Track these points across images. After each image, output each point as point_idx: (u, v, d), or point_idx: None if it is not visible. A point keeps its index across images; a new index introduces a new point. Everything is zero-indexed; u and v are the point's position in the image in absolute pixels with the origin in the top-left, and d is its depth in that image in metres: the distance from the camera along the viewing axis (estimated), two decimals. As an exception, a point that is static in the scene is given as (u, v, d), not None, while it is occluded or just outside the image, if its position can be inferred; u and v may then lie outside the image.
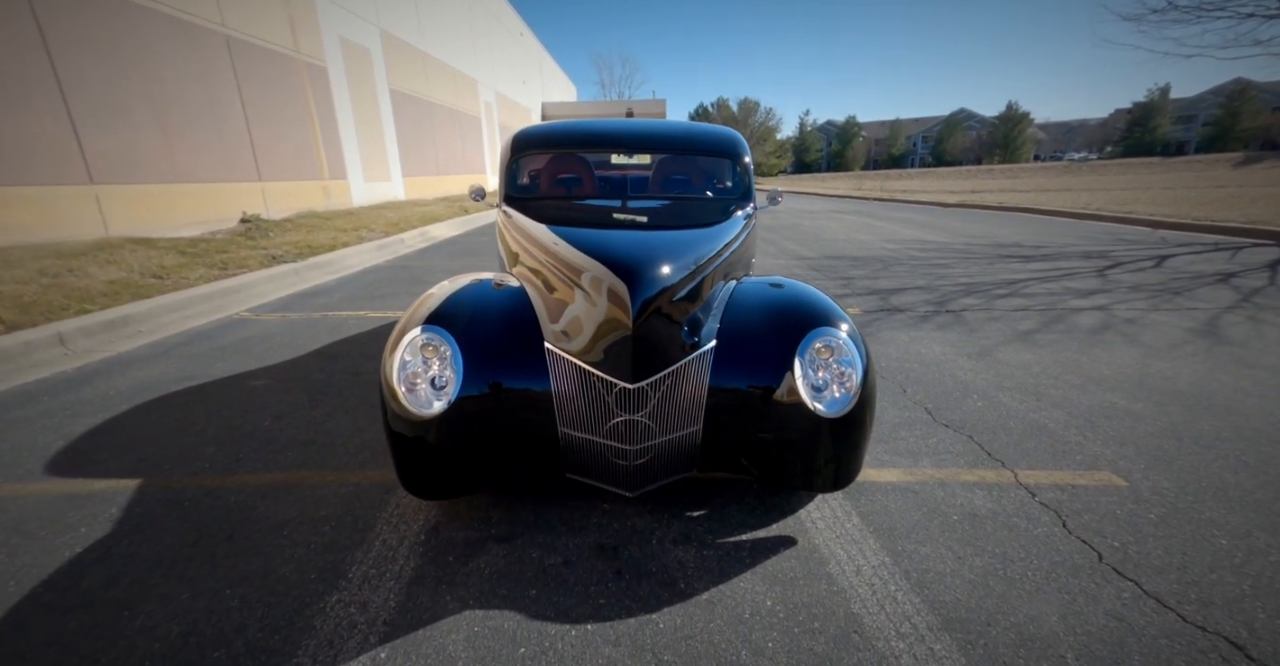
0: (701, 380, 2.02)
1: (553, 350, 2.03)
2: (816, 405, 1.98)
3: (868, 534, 2.08)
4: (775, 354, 2.05)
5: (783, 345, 2.06)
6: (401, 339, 2.02)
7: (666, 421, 2.01)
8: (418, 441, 1.98)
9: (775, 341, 2.07)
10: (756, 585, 1.84)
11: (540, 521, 2.18)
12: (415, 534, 2.11)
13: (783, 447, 2.04)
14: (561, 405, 2.01)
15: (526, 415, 2.04)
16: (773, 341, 2.08)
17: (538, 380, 2.03)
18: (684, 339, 2.01)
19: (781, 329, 2.11)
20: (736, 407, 2.04)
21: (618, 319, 1.90)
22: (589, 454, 2.08)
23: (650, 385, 1.95)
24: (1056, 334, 4.43)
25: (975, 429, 2.88)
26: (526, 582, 1.86)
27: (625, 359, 1.91)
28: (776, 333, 2.10)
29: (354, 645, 1.60)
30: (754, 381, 2.04)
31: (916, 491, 2.35)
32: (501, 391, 2.01)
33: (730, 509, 2.25)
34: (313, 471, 2.52)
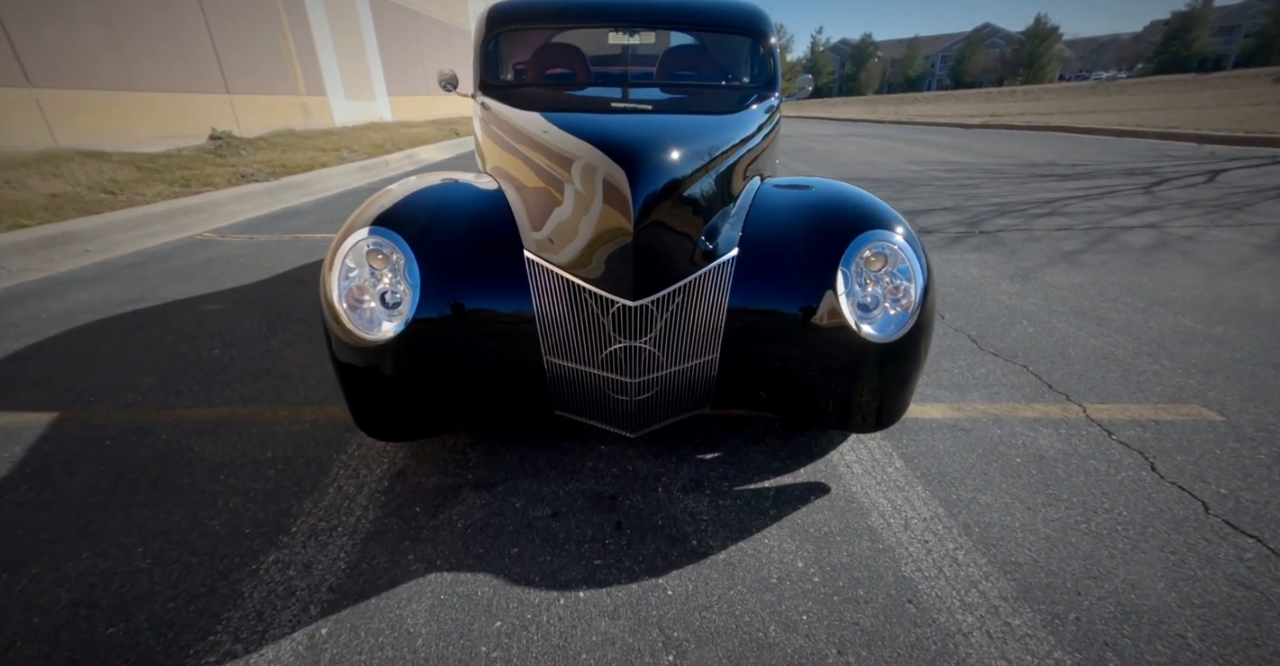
0: (719, 298, 1.62)
1: (535, 260, 1.61)
2: (864, 328, 1.58)
3: (914, 480, 1.74)
4: (812, 265, 1.63)
5: (822, 254, 1.64)
6: (343, 245, 1.60)
7: (675, 349, 1.63)
8: (369, 373, 1.60)
9: (812, 250, 1.65)
10: (784, 542, 1.51)
11: (526, 465, 1.85)
12: (377, 479, 1.78)
13: (817, 380, 1.67)
14: (546, 328, 1.62)
15: (502, 341, 1.65)
16: (809, 250, 1.65)
17: (516, 297, 1.62)
18: (697, 247, 1.59)
19: (820, 234, 1.67)
20: (762, 332, 1.65)
21: (615, 219, 1.47)
22: (582, 388, 1.70)
23: (655, 304, 1.54)
24: (1106, 254, 3.97)
25: (1029, 357, 2.50)
26: (507, 538, 1.53)
27: (625, 270, 1.49)
28: (814, 239, 1.67)
29: (288, 617, 1.28)
30: (784, 299, 1.63)
31: (967, 429, 1.99)
32: (470, 311, 1.60)
33: (749, 450, 1.91)
34: (263, 406, 2.17)
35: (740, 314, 1.64)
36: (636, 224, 1.45)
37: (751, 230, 1.72)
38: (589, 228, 1.53)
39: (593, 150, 1.59)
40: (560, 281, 1.59)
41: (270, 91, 10.68)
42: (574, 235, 1.57)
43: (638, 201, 1.46)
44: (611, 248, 1.49)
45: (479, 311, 1.61)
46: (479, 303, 1.62)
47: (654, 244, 1.50)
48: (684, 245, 1.57)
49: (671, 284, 1.55)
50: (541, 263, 1.60)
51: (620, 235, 1.47)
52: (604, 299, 1.54)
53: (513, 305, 1.63)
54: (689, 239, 1.58)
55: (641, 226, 1.46)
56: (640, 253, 1.48)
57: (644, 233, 1.47)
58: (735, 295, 1.64)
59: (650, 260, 1.50)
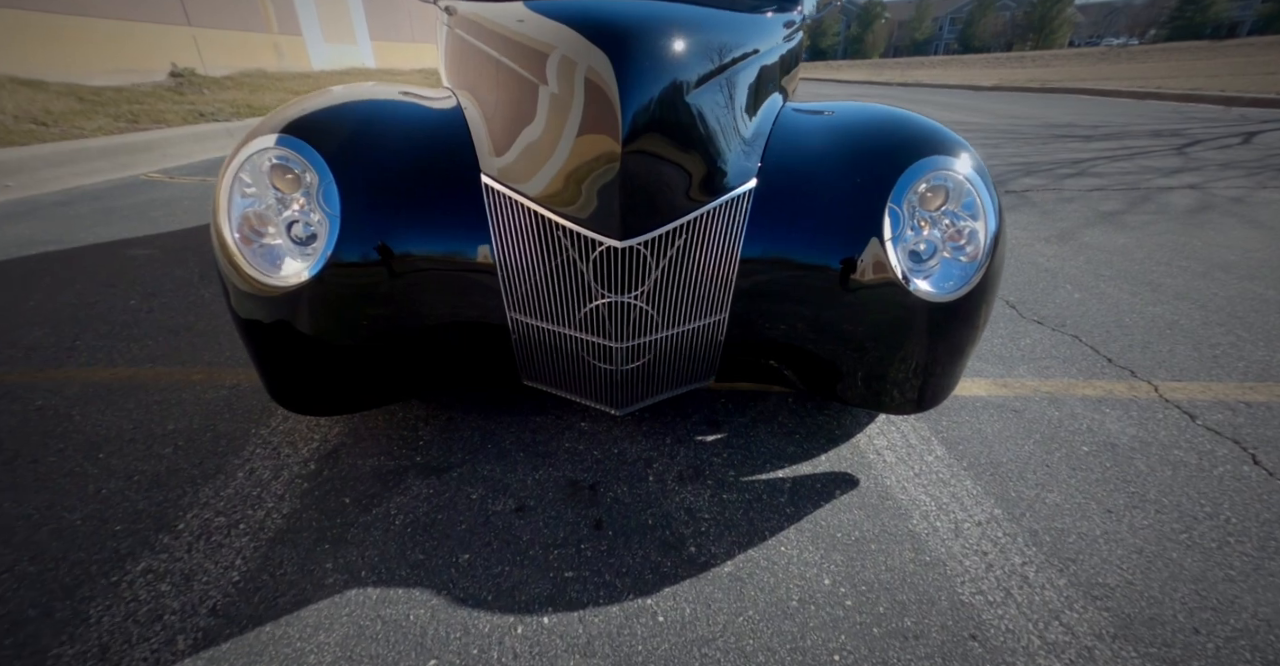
0: (730, 243, 1.26)
1: (496, 188, 1.23)
2: (916, 283, 1.23)
3: (960, 471, 1.42)
4: (851, 202, 1.27)
5: (864, 188, 1.27)
6: (238, 156, 1.21)
7: (674, 307, 1.27)
8: (278, 330, 1.24)
9: (851, 183, 1.28)
10: (806, 550, 1.19)
11: (489, 444, 1.51)
12: (302, 461, 1.43)
13: (851, 350, 1.32)
14: (510, 277, 1.26)
15: (453, 292, 1.28)
16: (847, 183, 1.28)
17: (470, 236, 1.25)
18: (705, 175, 1.22)
19: (863, 164, 1.30)
20: (784, 288, 1.29)
21: (598, 132, 1.10)
22: (556, 354, 1.35)
23: (649, 247, 1.18)
24: (1147, 215, 3.61)
25: (1080, 326, 2.16)
26: (456, 541, 1.20)
27: (610, 202, 1.12)
28: (854, 169, 1.29)
29: (144, 654, 0.95)
30: (814, 246, 1.27)
31: (1018, 410, 1.67)
32: (408, 252, 1.23)
33: (758, 431, 1.58)
34: (175, 368, 1.81)
35: (757, 264, 1.28)
36: (627, 140, 1.08)
37: (774, 158, 1.35)
38: (565, 145, 1.15)
39: (573, 36, 1.19)
40: (528, 216, 1.21)
41: (238, 27, 9.89)
42: (546, 155, 1.19)
43: (628, 107, 1.08)
44: (594, 172, 1.12)
45: (420, 252, 1.24)
46: (420, 241, 1.24)
47: (648, 168, 1.13)
48: (687, 172, 1.20)
49: (670, 221, 1.18)
50: (504, 191, 1.23)
51: (605, 155, 1.10)
52: (584, 239, 1.18)
53: (466, 246, 1.26)
54: (694, 164, 1.20)
55: (632, 143, 1.09)
56: (630, 178, 1.11)
57: (636, 152, 1.10)
58: (751, 240, 1.27)
59: (643, 189, 1.14)
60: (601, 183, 1.13)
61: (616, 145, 1.09)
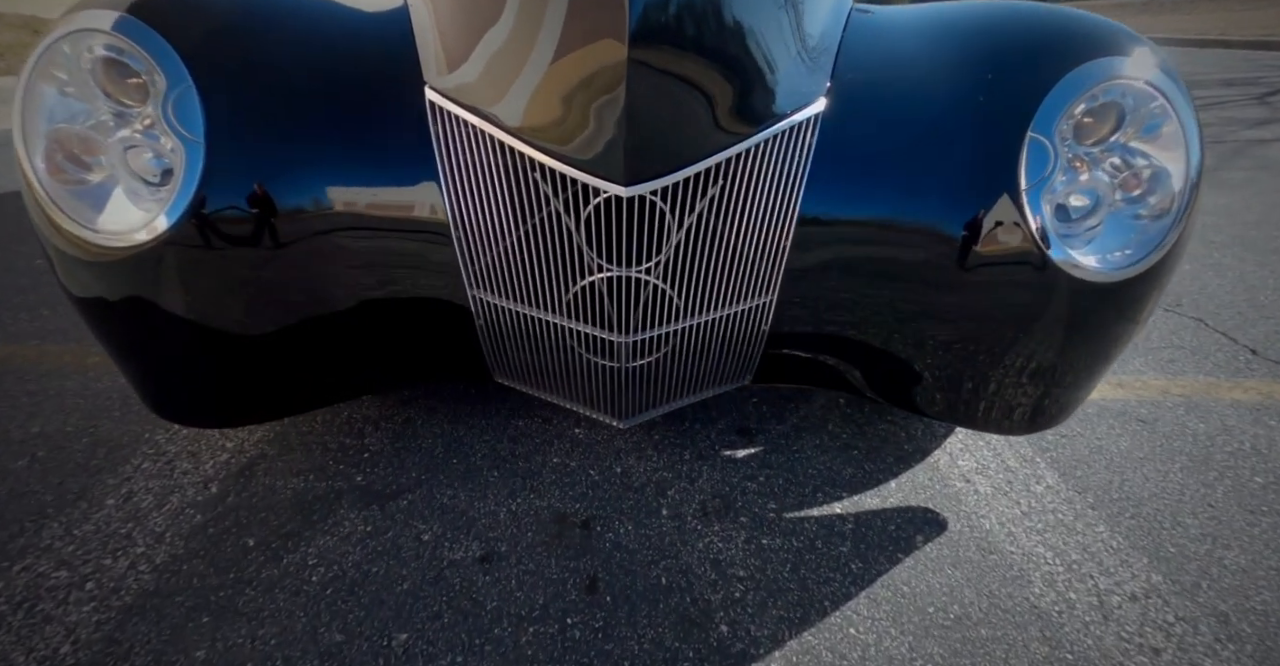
0: (785, 193, 0.86)
1: (448, 109, 0.83)
2: (1069, 254, 0.82)
3: (1087, 512, 1.04)
4: (968, 134, 0.85)
5: (989, 113, 0.86)
6: (47, 42, 0.79)
7: (703, 284, 0.89)
8: (130, 311, 0.86)
9: (969, 105, 0.85)
10: (887, 637, 0.83)
11: (454, 457, 1.15)
12: (202, 481, 1.08)
13: (946, 347, 0.92)
14: (469, 238, 0.87)
15: (387, 258, 0.89)
16: (962, 106, 0.86)
17: (408, 176, 0.86)
18: (747, 96, 0.79)
19: (987, 77, 0.88)
20: (858, 258, 0.90)
21: (595, 30, 0.70)
22: (535, 346, 0.96)
23: (668, 196, 0.79)
24: (1246, 170, 3.10)
25: (1202, 306, 1.74)
26: (393, 612, 0.85)
27: (611, 130, 0.73)
28: (973, 85, 0.87)
29: None
30: (908, 198, 0.86)
31: (1147, 420, 1.27)
32: (318, 198, 0.84)
33: (803, 444, 1.20)
34: (68, 345, 1.44)
35: (821, 224, 0.88)
36: (636, 39, 0.66)
37: (850, 71, 0.92)
38: (547, 46, 0.74)
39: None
40: (492, 150, 0.82)
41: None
42: (520, 62, 0.78)
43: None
44: (588, 86, 0.73)
45: (335, 199, 0.84)
46: (333, 181, 0.84)
47: (667, 82, 0.72)
48: (723, 89, 0.78)
49: (698, 161, 0.78)
50: (458, 113, 0.82)
51: (605, 63, 0.71)
52: (573, 184, 0.78)
53: (403, 193, 0.86)
54: (732, 77, 0.79)
55: (645, 45, 0.68)
56: (641, 96, 0.71)
57: (649, 58, 0.69)
58: (815, 189, 0.87)
59: (659, 113, 0.74)
60: (599, 102, 0.72)
61: (622, 48, 0.67)
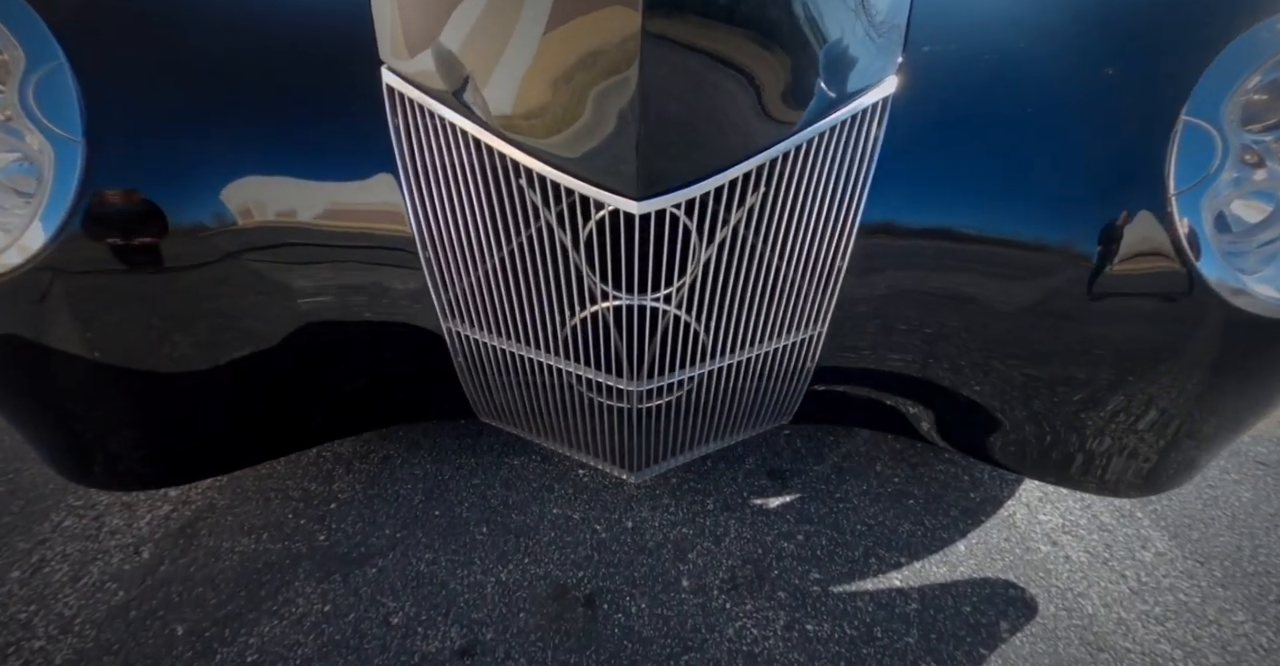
0: (842, 198, 0.67)
1: (409, 95, 0.63)
2: (1242, 281, 0.62)
3: (1218, 592, 0.87)
4: (1098, 120, 0.64)
5: (1127, 92, 0.65)
6: None
7: (735, 315, 0.68)
8: (6, 350, 0.67)
9: (1091, 78, 0.65)
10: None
11: (436, 507, 0.99)
12: (132, 544, 0.91)
13: (1045, 391, 0.72)
14: (440, 258, 0.68)
15: (334, 279, 0.70)
16: (1089, 84, 0.64)
17: (359, 175, 0.66)
18: (795, 77, 0.59)
19: (1118, 38, 0.67)
20: (936, 283, 0.69)
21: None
22: (528, 386, 0.77)
23: (692, 210, 0.58)
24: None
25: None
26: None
27: (619, 126, 0.55)
28: (1096, 52, 0.67)
29: None
30: (1008, 205, 0.65)
31: (1271, 464, 1.09)
32: (244, 205, 0.64)
33: (847, 490, 1.03)
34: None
35: (891, 236, 0.68)
36: (652, 3, 0.44)
37: (927, 40, 0.71)
38: (535, 16, 0.53)
39: None
40: (466, 148, 0.64)
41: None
42: (501, 40, 0.58)
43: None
44: (589, 66, 0.54)
45: (260, 210, 0.65)
46: (259, 187, 0.65)
47: (690, 63, 0.54)
48: (765, 70, 0.58)
49: (732, 165, 0.57)
50: (423, 101, 0.63)
51: (612, 35, 0.52)
52: (570, 195, 0.58)
53: (353, 199, 0.67)
54: (776, 53, 0.58)
55: (664, 12, 0.48)
56: (658, 82, 0.51)
57: (667, 33, 0.49)
58: (882, 193, 0.67)
59: (682, 101, 0.55)
60: (603, 87, 0.54)
61: (634, 15, 0.48)
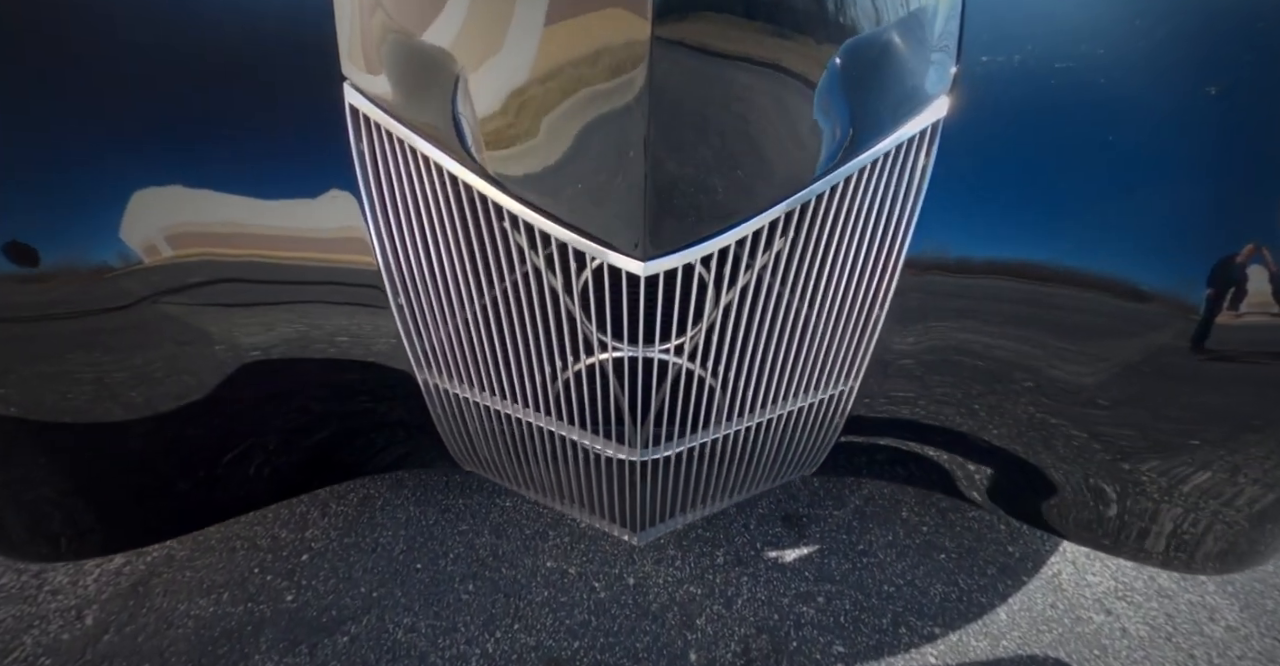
0: (880, 240, 0.56)
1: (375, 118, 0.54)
2: None
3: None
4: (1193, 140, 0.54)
5: (1239, 104, 0.54)
6: None
7: (755, 370, 0.58)
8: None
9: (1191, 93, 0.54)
10: None
11: (418, 560, 0.94)
12: (80, 602, 0.84)
13: (1128, 462, 0.62)
14: (412, 303, 0.60)
15: (288, 324, 0.61)
16: (1179, 95, 0.55)
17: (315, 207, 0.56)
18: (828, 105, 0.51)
19: (1229, 45, 0.56)
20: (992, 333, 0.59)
21: None
22: (515, 442, 0.67)
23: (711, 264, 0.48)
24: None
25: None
26: None
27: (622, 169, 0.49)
28: (1199, 62, 0.56)
29: None
30: (1083, 243, 0.60)
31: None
32: (168, 240, 0.56)
33: (871, 543, 0.96)
34: None
35: (938, 278, 0.59)
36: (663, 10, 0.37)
37: (984, 49, 0.62)
38: (525, 29, 0.43)
39: None
40: (441, 182, 0.53)
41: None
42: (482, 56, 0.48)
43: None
44: (585, 88, 0.48)
45: (188, 242, 0.56)
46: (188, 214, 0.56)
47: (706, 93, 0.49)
48: (793, 96, 0.49)
49: (756, 213, 0.50)
50: (391, 127, 0.54)
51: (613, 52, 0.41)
52: (562, 248, 0.48)
53: (308, 231, 0.57)
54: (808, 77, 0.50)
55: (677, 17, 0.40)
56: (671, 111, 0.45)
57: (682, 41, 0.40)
58: (929, 232, 0.60)
59: (699, 137, 0.46)
60: (604, 114, 0.44)
61: (643, 23, 0.38)
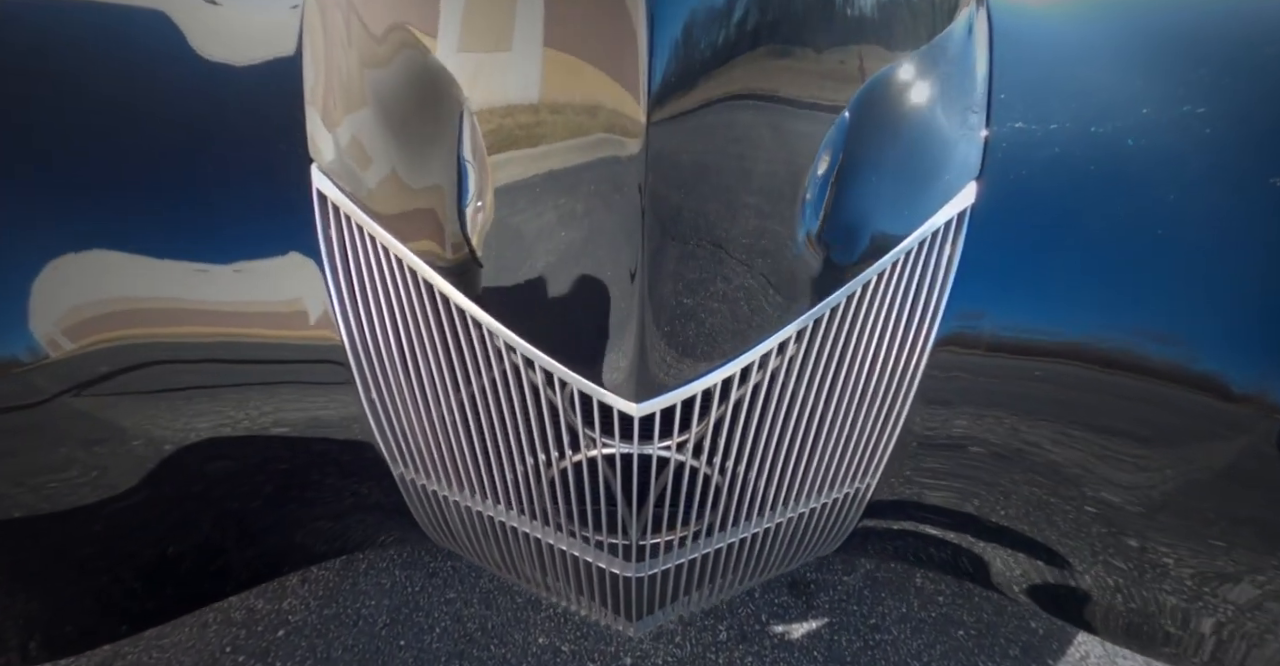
0: (901, 337, 0.54)
1: (345, 209, 0.53)
2: None
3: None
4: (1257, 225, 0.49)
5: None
6: None
7: (763, 470, 0.55)
8: None
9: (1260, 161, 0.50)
10: None
11: (403, 633, 0.94)
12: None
13: (1190, 569, 0.57)
14: (385, 404, 0.55)
15: (246, 417, 0.58)
16: (1239, 167, 0.53)
17: (277, 289, 0.56)
18: (843, 208, 0.53)
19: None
20: (1030, 425, 0.56)
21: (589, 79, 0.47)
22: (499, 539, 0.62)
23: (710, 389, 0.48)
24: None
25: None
26: None
27: (608, 299, 0.49)
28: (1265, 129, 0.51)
29: None
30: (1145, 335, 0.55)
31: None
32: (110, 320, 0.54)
33: (884, 618, 0.95)
34: None
35: (967, 367, 0.55)
36: (661, 97, 0.41)
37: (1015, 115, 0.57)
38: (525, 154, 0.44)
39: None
40: (415, 286, 0.50)
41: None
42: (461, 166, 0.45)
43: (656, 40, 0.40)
44: (576, 219, 0.50)
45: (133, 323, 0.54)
46: (131, 288, 0.54)
47: (704, 215, 0.49)
48: (795, 221, 0.51)
49: (761, 340, 0.50)
50: (362, 221, 0.52)
51: (608, 146, 0.39)
52: (544, 373, 0.45)
53: (266, 316, 0.53)
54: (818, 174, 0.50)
55: (669, 104, 0.42)
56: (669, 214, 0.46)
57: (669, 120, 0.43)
58: (955, 322, 0.54)
59: (695, 278, 0.51)
60: (591, 241, 0.51)
61: (637, 112, 0.38)
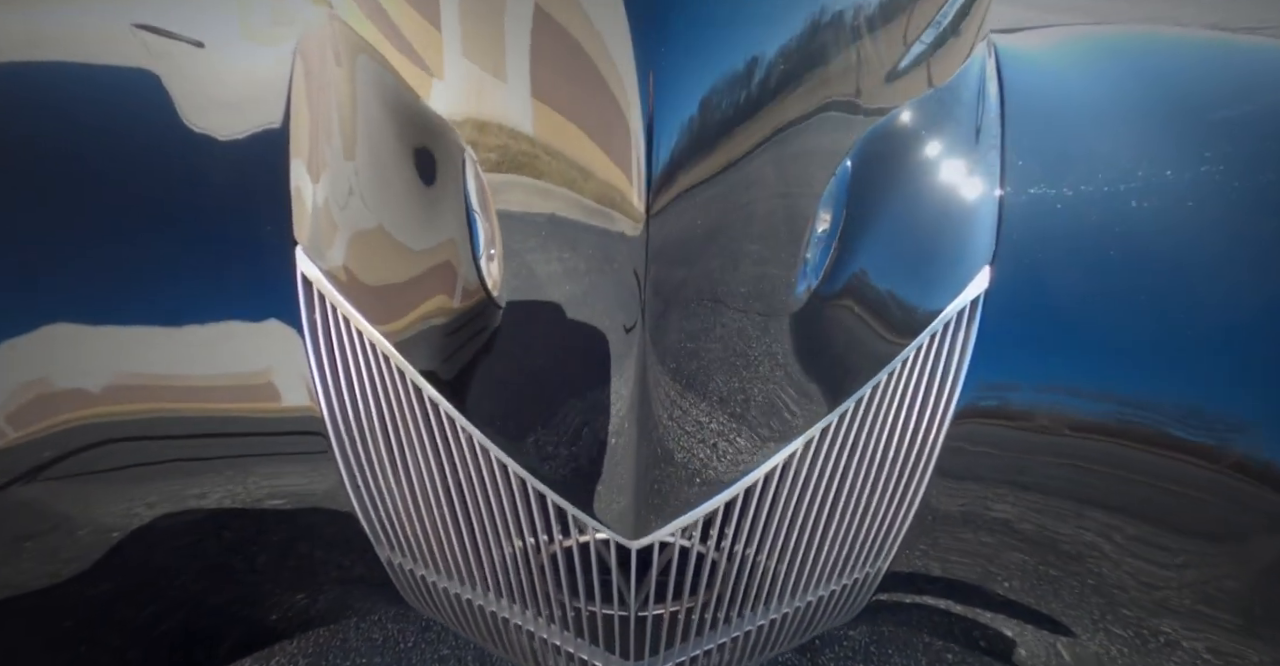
0: (913, 430, 0.50)
1: (331, 297, 0.50)
2: None
3: None
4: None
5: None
6: None
7: (773, 552, 0.53)
8: None
9: None
10: None
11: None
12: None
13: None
14: (369, 491, 0.53)
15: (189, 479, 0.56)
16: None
17: (258, 367, 0.54)
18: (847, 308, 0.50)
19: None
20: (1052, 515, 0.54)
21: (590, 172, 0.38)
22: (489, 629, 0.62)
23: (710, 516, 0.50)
24: None
25: None
26: None
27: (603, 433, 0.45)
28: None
29: None
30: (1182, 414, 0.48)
31: None
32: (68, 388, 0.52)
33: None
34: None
35: (990, 455, 0.52)
36: (661, 186, 0.37)
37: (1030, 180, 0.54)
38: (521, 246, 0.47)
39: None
40: (401, 388, 0.50)
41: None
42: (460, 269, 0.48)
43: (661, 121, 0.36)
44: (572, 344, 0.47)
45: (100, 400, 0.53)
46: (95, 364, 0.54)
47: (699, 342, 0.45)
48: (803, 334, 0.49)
49: (764, 460, 0.49)
50: (348, 312, 0.51)
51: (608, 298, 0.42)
52: (537, 495, 0.50)
53: (247, 400, 0.51)
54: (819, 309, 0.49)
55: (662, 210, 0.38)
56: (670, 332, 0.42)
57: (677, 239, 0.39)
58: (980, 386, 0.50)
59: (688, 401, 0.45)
60: (585, 368, 0.47)
61: (638, 208, 0.37)
